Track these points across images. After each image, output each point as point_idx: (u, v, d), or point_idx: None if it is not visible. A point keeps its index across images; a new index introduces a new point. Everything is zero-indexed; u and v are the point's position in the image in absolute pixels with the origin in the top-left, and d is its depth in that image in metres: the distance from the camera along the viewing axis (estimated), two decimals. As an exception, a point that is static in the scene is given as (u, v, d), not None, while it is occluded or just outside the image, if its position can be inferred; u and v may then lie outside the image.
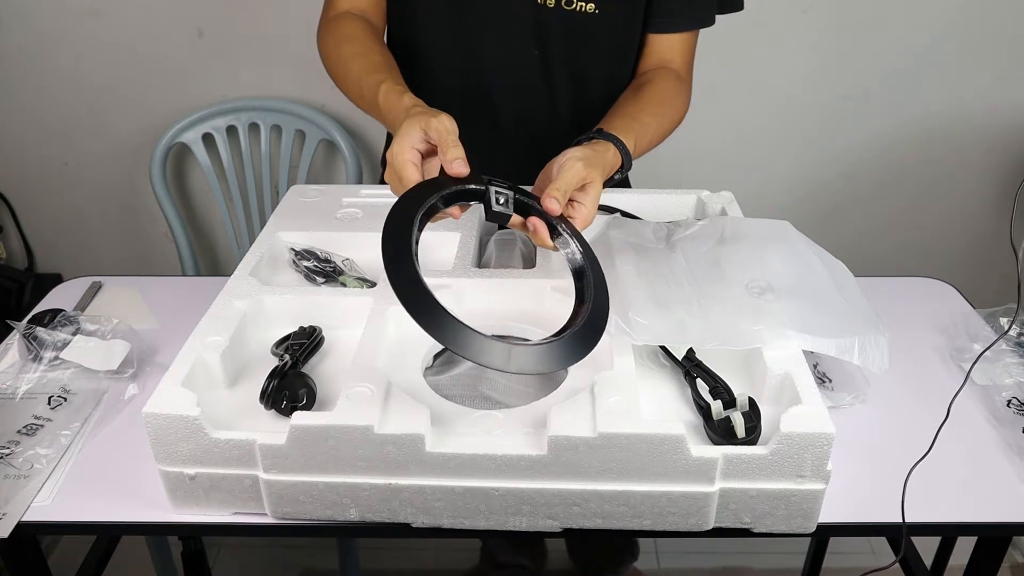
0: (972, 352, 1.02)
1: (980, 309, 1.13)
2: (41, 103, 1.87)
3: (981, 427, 0.94)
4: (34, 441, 0.90)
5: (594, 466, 0.74)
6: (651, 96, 1.09)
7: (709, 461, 0.74)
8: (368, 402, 0.76)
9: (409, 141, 0.81)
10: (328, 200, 1.13)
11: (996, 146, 1.91)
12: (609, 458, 0.74)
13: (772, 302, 0.87)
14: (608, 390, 0.77)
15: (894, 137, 1.91)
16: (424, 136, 0.82)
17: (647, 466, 0.74)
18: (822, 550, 1.59)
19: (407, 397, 0.78)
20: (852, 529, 0.82)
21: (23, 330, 1.02)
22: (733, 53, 1.72)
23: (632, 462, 0.74)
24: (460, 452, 0.74)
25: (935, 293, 1.20)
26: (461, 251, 1.00)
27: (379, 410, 0.75)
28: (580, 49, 1.11)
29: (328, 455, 0.75)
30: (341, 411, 0.75)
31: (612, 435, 0.73)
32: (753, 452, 0.74)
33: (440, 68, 1.14)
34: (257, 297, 0.92)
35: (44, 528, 0.82)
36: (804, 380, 0.79)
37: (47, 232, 2.06)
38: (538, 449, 0.74)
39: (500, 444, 0.75)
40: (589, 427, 0.73)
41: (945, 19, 1.77)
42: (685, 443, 0.73)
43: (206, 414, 0.75)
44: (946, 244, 2.03)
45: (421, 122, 0.82)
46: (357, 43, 1.05)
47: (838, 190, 1.97)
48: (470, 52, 1.12)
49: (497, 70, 1.13)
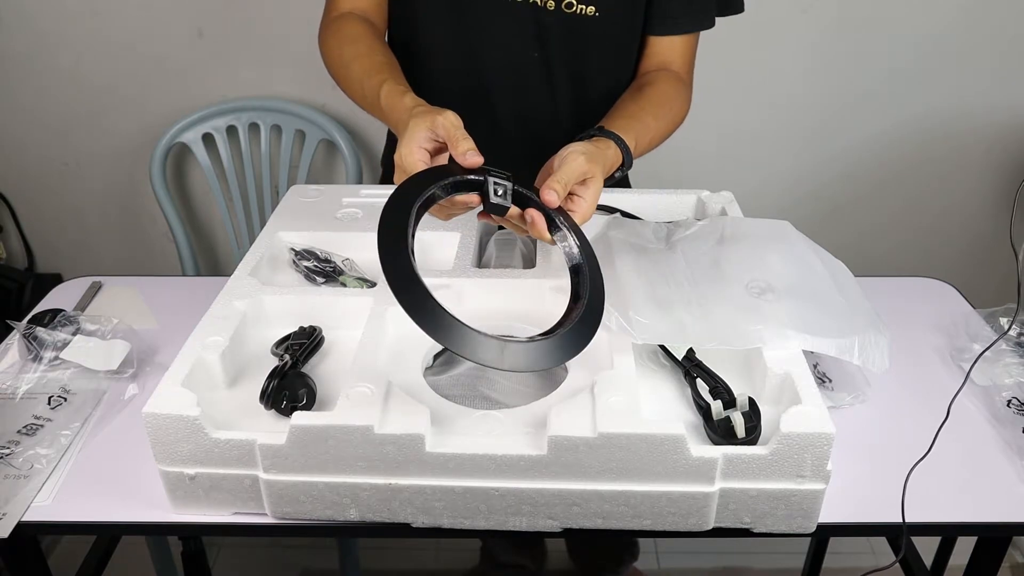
0: (972, 352, 1.02)
1: (980, 309, 1.13)
2: (41, 103, 1.87)
3: (981, 427, 0.94)
4: (34, 441, 0.90)
5: (594, 466, 0.74)
6: (652, 97, 1.09)
7: (709, 461, 0.73)
8: (368, 402, 0.76)
9: (417, 142, 0.82)
10: (328, 200, 1.13)
11: (996, 146, 1.91)
12: (609, 458, 0.74)
13: (772, 302, 0.87)
14: (608, 390, 0.77)
15: (894, 137, 1.91)
16: (431, 135, 0.82)
17: (647, 466, 0.74)
18: (822, 550, 1.59)
19: (407, 397, 0.78)
20: (852, 529, 0.82)
21: (23, 330, 1.02)
22: (733, 53, 1.72)
23: (632, 462, 0.74)
24: (460, 452, 0.74)
25: (935, 293, 1.20)
26: (461, 251, 1.00)
27: (379, 410, 0.75)
28: (580, 51, 1.11)
29: (328, 455, 0.75)
30: (341, 411, 0.75)
31: (612, 435, 0.73)
32: (753, 452, 0.74)
33: (440, 70, 1.14)
34: (257, 297, 0.92)
35: (44, 528, 0.82)
36: (804, 380, 0.79)
37: (47, 232, 2.06)
38: (538, 449, 0.74)
39: (500, 444, 0.75)
40: (589, 427, 0.73)
41: (945, 19, 1.77)
42: (685, 443, 0.73)
43: (206, 414, 0.75)
44: (946, 244, 2.03)
45: (427, 121, 0.82)
46: (359, 44, 1.05)
47: (838, 190, 1.97)
48: (470, 53, 1.12)
49: (497, 71, 1.13)
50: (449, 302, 0.74)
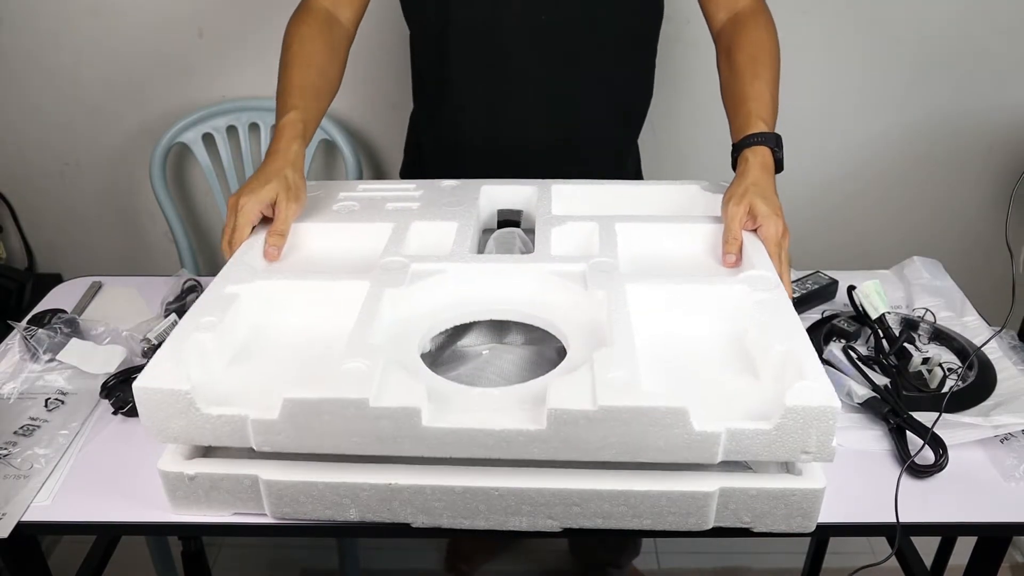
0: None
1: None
2: (41, 103, 1.87)
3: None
4: (31, 441, 0.90)
5: (594, 441, 0.72)
6: (745, 63, 1.10)
7: (712, 436, 0.71)
8: (363, 376, 0.74)
9: (261, 203, 0.97)
10: (326, 195, 1.12)
11: (996, 146, 1.91)
12: (609, 433, 0.72)
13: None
14: (608, 365, 0.75)
15: (894, 136, 1.91)
16: (272, 203, 0.98)
17: (648, 441, 0.72)
18: (822, 550, 1.59)
19: (403, 372, 0.76)
20: (852, 529, 0.82)
21: (23, 330, 1.02)
22: (733, 53, 1.72)
23: (633, 436, 0.72)
24: (457, 427, 0.72)
25: (935, 293, 1.20)
26: (459, 238, 0.99)
27: (375, 384, 0.73)
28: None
29: (322, 430, 0.73)
30: (335, 384, 0.73)
31: (612, 408, 0.71)
32: (757, 427, 0.72)
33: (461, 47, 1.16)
34: (251, 282, 0.91)
35: (44, 528, 0.82)
36: (807, 355, 0.76)
37: (47, 232, 2.06)
38: (537, 424, 0.72)
39: (498, 419, 0.73)
40: (589, 400, 0.72)
41: (946, 19, 1.77)
42: (687, 417, 0.71)
43: (198, 390, 0.74)
44: (943, 243, 2.02)
45: (279, 192, 0.97)
46: (305, 47, 1.10)
47: (836, 189, 1.97)
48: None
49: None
50: (447, 286, 0.73)
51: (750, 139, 1.03)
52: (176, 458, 0.79)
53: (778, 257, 0.93)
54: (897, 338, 1.02)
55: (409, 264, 0.93)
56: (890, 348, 1.01)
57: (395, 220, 1.03)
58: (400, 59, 1.55)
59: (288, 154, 1.00)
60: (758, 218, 0.96)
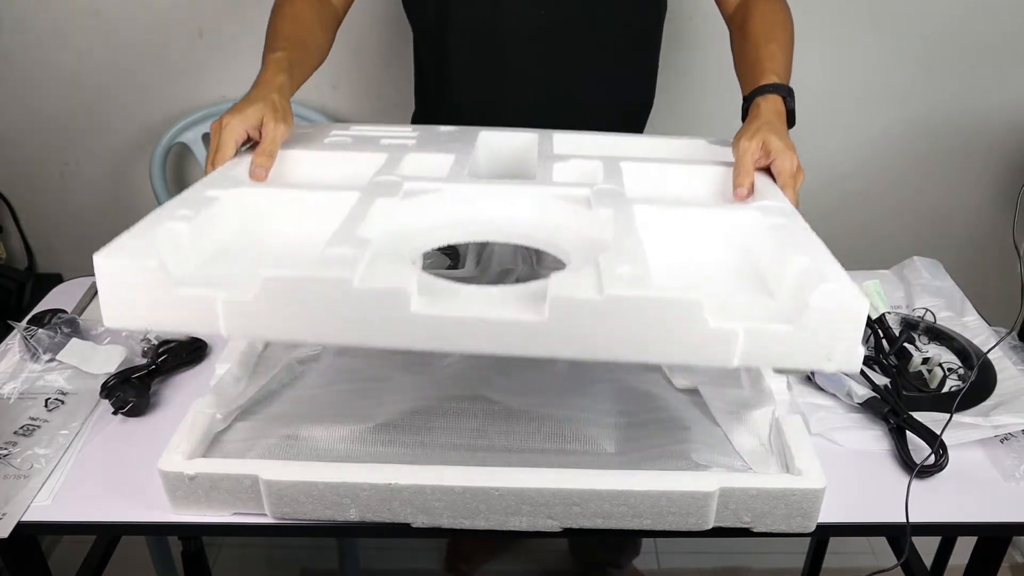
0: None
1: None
2: (41, 103, 1.87)
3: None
4: (31, 441, 0.90)
5: (599, 335, 0.65)
6: (758, 31, 1.10)
7: (729, 333, 0.65)
8: (349, 261, 0.67)
9: (246, 122, 0.91)
10: (316, 132, 1.07)
11: (997, 145, 1.91)
12: (616, 326, 0.65)
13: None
14: (616, 261, 0.68)
15: (895, 135, 1.91)
16: (259, 125, 0.91)
17: (659, 336, 0.65)
18: (822, 550, 1.59)
19: (392, 257, 0.69)
20: (852, 529, 0.82)
21: (23, 330, 1.02)
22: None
23: (642, 331, 0.65)
24: (450, 314, 0.66)
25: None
26: (456, 165, 0.92)
27: (361, 266, 0.67)
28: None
29: (302, 314, 0.67)
30: (318, 264, 0.67)
31: (621, 297, 0.64)
32: (778, 328, 0.65)
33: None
34: (235, 188, 0.85)
35: (44, 528, 0.82)
36: (829, 264, 0.71)
37: (47, 232, 2.06)
38: (537, 314, 0.65)
39: (495, 309, 0.66)
40: (595, 289, 0.65)
41: (948, 16, 1.77)
42: (702, 310, 0.64)
43: (167, 273, 0.67)
44: (947, 243, 2.02)
45: (265, 112, 0.91)
46: (295, 10, 1.09)
47: (839, 188, 1.97)
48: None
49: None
50: (443, 205, 0.69)
51: (762, 88, 1.00)
52: (176, 458, 0.79)
53: (793, 191, 0.90)
54: (897, 338, 1.03)
55: (403, 182, 0.85)
56: (890, 348, 1.01)
57: (389, 152, 0.96)
58: (401, 59, 1.55)
59: (274, 82, 0.96)
60: (771, 152, 0.92)
